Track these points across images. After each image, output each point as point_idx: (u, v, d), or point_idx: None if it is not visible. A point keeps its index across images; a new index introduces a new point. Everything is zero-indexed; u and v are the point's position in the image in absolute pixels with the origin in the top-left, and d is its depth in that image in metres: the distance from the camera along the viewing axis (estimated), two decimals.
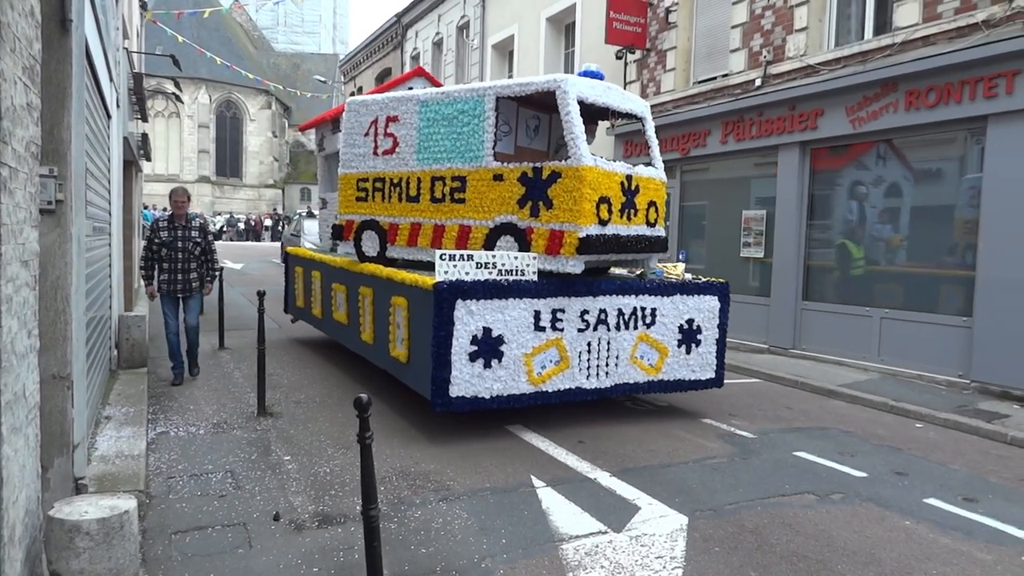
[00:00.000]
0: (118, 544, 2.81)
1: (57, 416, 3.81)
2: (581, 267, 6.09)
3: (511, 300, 5.95)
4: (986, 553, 4.33)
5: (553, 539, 4.31)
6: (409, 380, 6.46)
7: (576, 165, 5.96)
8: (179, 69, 14.40)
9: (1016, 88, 7.95)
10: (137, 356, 8.18)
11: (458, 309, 5.74)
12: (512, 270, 6.09)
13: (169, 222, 7.71)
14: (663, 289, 6.88)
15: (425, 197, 7.06)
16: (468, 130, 6.66)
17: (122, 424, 5.87)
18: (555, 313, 6.20)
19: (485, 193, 6.54)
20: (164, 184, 51.21)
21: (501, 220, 6.46)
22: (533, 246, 6.24)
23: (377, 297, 7.15)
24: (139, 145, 13.69)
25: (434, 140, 6.95)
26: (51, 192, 3.76)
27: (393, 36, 27.39)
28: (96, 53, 5.73)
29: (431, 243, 7.05)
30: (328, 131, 10.62)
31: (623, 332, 6.61)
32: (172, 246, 7.65)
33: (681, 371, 7.05)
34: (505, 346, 5.97)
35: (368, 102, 7.70)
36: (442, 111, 6.89)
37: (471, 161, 6.63)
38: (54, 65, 3.78)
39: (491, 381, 5.93)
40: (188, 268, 7.75)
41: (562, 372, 6.30)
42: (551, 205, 6.10)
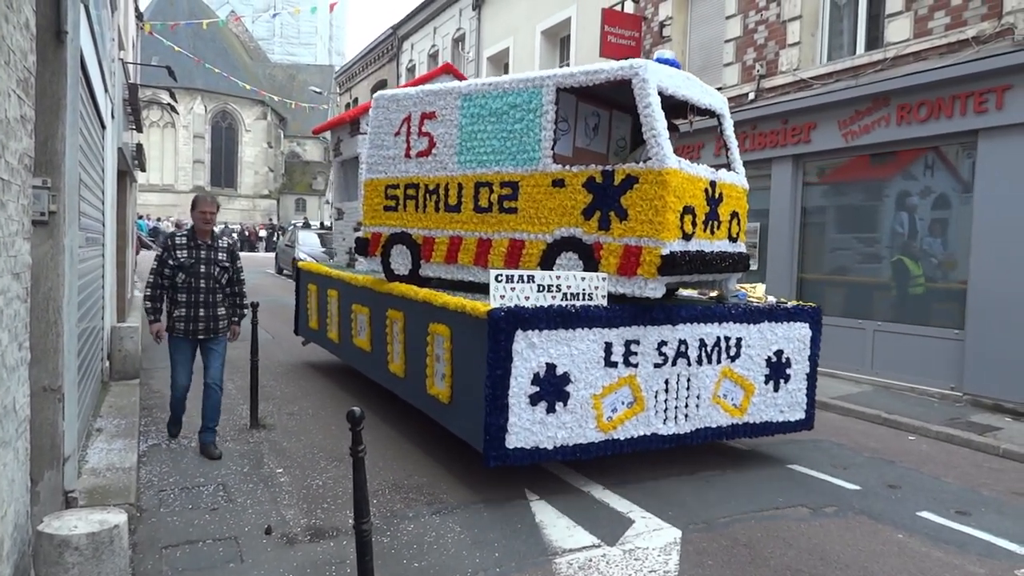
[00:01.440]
0: (108, 559, 2.79)
1: (48, 429, 3.78)
2: (662, 290, 5.12)
3: (579, 330, 5.02)
4: (979, 567, 4.33)
5: (546, 553, 4.29)
6: (452, 424, 5.54)
7: (659, 168, 5.01)
8: (175, 80, 14.41)
9: (1006, 103, 8.03)
10: (129, 368, 8.14)
11: (518, 341, 4.80)
12: (578, 294, 5.15)
13: (189, 239, 5.74)
14: (749, 316, 5.87)
15: (468, 206, 6.09)
16: (521, 127, 5.72)
17: (113, 436, 5.84)
18: (628, 345, 5.25)
19: (542, 202, 5.60)
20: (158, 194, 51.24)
21: (562, 234, 5.50)
22: (602, 265, 5.30)
23: (410, 323, 6.21)
24: (134, 155, 13.68)
25: (479, 139, 6.01)
26: (44, 203, 3.75)
27: (389, 48, 27.51)
28: (91, 64, 5.73)
29: (474, 260, 6.08)
30: (346, 134, 9.93)
31: (705, 367, 5.64)
32: (192, 271, 5.68)
33: (768, 412, 6.03)
34: (571, 386, 5.03)
35: (400, 96, 6.75)
36: (489, 105, 5.94)
37: (525, 164, 5.70)
38: (48, 77, 3.79)
39: (555, 428, 4.99)
40: (213, 301, 5.77)
41: (636, 416, 5.33)
42: (625, 216, 5.16)
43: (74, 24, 4.03)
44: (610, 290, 5.27)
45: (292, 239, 25.10)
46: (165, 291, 5.73)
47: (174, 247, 5.72)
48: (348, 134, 9.76)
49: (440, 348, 5.60)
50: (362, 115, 9.36)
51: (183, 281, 5.68)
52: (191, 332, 5.73)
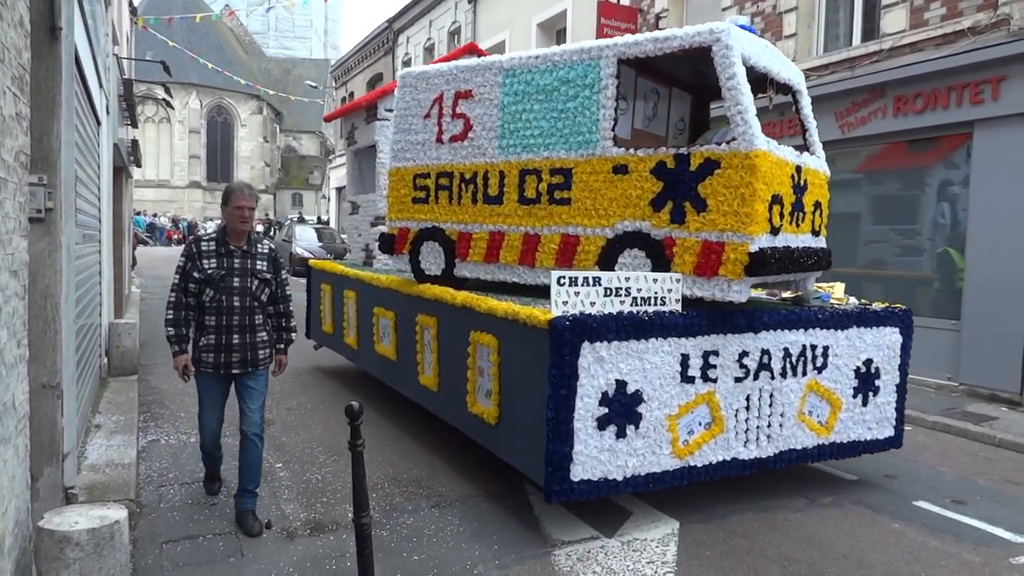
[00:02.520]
0: (108, 554, 2.80)
1: (47, 425, 3.79)
2: (747, 293, 4.50)
3: (652, 341, 4.39)
4: (974, 555, 4.37)
5: (545, 545, 4.31)
6: (500, 449, 4.89)
7: (746, 150, 4.33)
8: (169, 75, 14.36)
9: (1002, 94, 8.04)
10: (128, 363, 8.15)
11: (584, 356, 4.16)
12: (649, 298, 4.49)
13: (219, 244, 4.41)
14: (837, 321, 5.20)
15: (511, 197, 5.43)
16: (575, 106, 5.06)
17: (112, 432, 5.85)
18: (707, 357, 4.61)
19: (601, 191, 4.94)
20: (154, 190, 51.11)
21: (625, 227, 4.84)
22: (676, 263, 4.64)
23: (445, 330, 5.59)
24: (129, 151, 13.64)
25: (524, 121, 5.34)
26: (40, 200, 3.75)
27: (384, 42, 27.42)
28: (86, 60, 5.71)
29: (519, 259, 5.40)
30: (360, 121, 9.25)
31: (789, 380, 4.99)
32: (224, 285, 4.35)
33: (856, 429, 5.38)
34: (644, 406, 4.40)
35: (430, 74, 5.99)
36: (536, 81, 5.27)
37: (580, 148, 5.03)
38: (43, 73, 3.78)
39: (625, 456, 4.36)
40: (250, 324, 4.43)
41: (714, 438, 4.70)
42: (704, 207, 4.49)
43: (68, 20, 4.02)
44: (684, 293, 4.62)
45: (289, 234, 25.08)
46: (191, 311, 4.41)
47: (199, 255, 4.35)
48: (363, 121, 9.12)
49: (485, 361, 4.96)
50: (379, 99, 8.78)
51: (212, 299, 4.33)
52: (222, 366, 4.37)
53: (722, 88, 4.50)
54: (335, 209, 36.46)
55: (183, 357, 4.37)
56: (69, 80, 4.11)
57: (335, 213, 36.08)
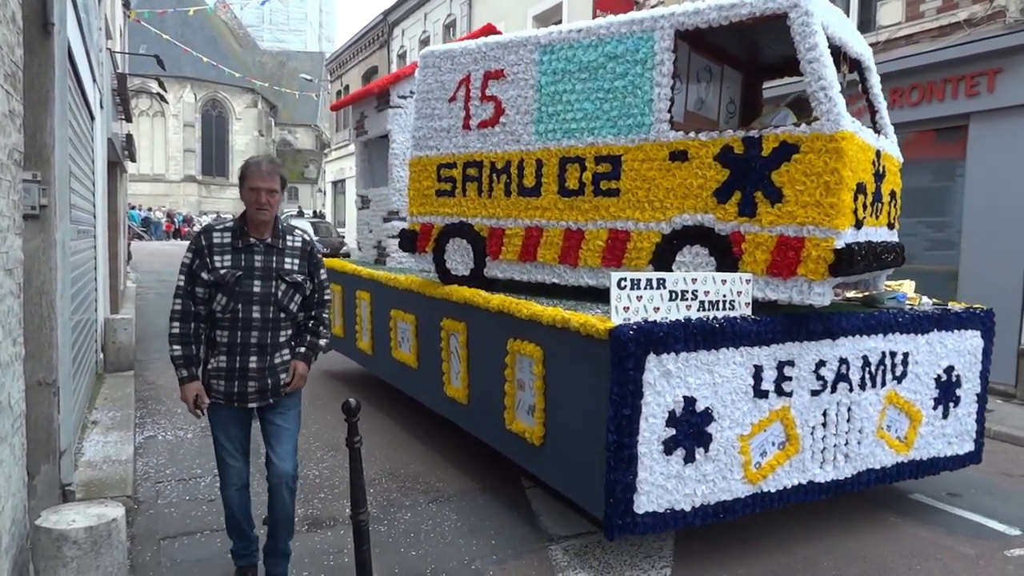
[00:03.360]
0: (106, 552, 2.80)
1: (43, 423, 3.79)
2: (830, 296, 4.05)
3: (724, 351, 3.88)
4: (969, 548, 4.40)
5: (543, 540, 4.33)
6: (546, 473, 4.42)
7: (831, 131, 3.84)
8: (163, 69, 14.28)
9: (997, 86, 8.04)
10: (124, 359, 8.14)
11: (650, 370, 3.66)
12: (718, 301, 4.00)
13: (235, 236, 3.42)
14: (917, 324, 4.68)
15: (550, 188, 4.92)
16: (625, 85, 4.54)
17: (109, 429, 5.85)
18: (782, 368, 4.11)
19: (656, 180, 4.42)
20: (149, 184, 50.93)
21: (684, 221, 4.33)
22: (745, 262, 4.13)
23: (477, 337, 5.08)
24: (123, 146, 13.58)
25: (565, 103, 4.82)
26: (35, 197, 3.74)
27: (379, 34, 27.31)
28: (79, 55, 5.68)
29: (560, 257, 4.90)
30: (371, 109, 8.68)
31: (868, 392, 4.47)
32: (240, 291, 3.37)
33: (936, 444, 4.86)
34: (714, 425, 3.89)
35: (455, 52, 5.45)
36: (579, 58, 4.75)
37: (630, 132, 4.51)
38: (36, 69, 3.76)
39: (694, 483, 3.85)
40: (273, 343, 3.46)
41: (789, 460, 4.19)
42: (779, 197, 3.98)
43: (60, 16, 3.99)
44: (756, 295, 4.12)
45: None
46: (201, 323, 3.40)
47: (209, 249, 3.34)
48: (374, 109, 8.53)
49: (526, 373, 4.45)
50: (392, 85, 8.24)
51: (224, 309, 3.33)
52: (235, 396, 3.38)
53: (801, 61, 3.98)
54: (331, 203, 36.41)
55: (193, 386, 3.35)
56: (62, 76, 4.09)
57: (331, 207, 36.03)
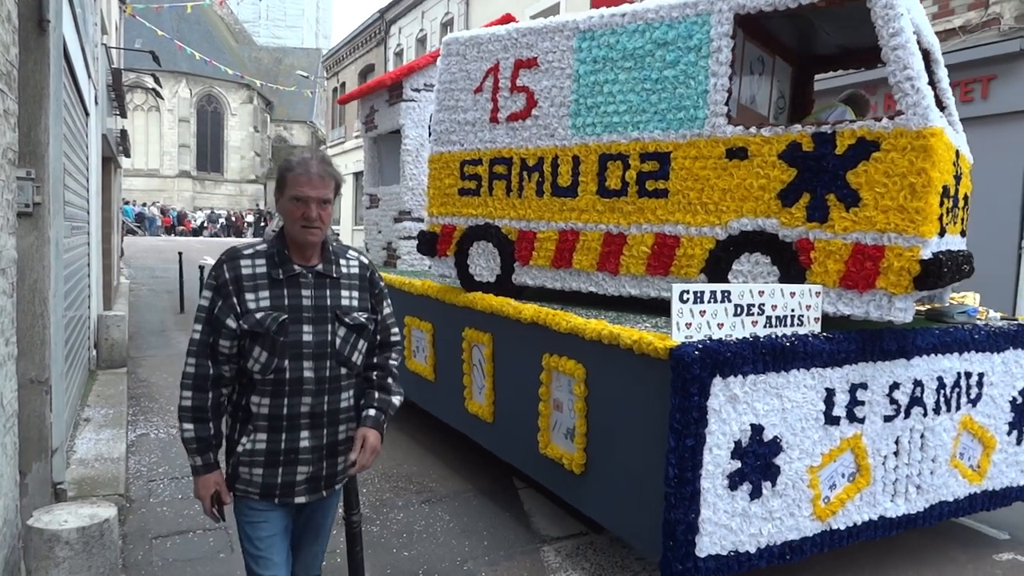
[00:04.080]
0: (98, 553, 2.80)
1: (35, 421, 3.77)
2: (912, 312, 3.62)
3: (794, 373, 3.48)
4: (960, 552, 4.42)
5: (535, 541, 4.34)
6: (588, 504, 3.97)
7: (919, 127, 3.44)
8: (159, 65, 14.24)
9: (991, 93, 8.09)
10: (116, 356, 8.11)
11: (716, 396, 3.25)
12: (785, 316, 3.60)
13: (275, 262, 2.38)
14: (992, 342, 4.26)
15: (588, 188, 4.52)
16: (675, 74, 4.15)
17: (101, 426, 5.83)
18: (854, 391, 3.71)
19: (710, 180, 4.03)
20: (144, 179, 50.70)
21: (743, 226, 3.94)
22: (814, 272, 3.75)
23: (504, 350, 4.69)
24: (118, 141, 13.54)
25: (606, 94, 4.44)
26: (28, 195, 3.72)
27: (376, 32, 27.26)
28: (74, 51, 5.66)
29: (598, 264, 4.51)
30: (382, 102, 8.32)
31: (942, 417, 4.08)
32: (288, 342, 2.33)
33: (1009, 473, 4.46)
34: (783, 456, 3.49)
35: (482, 39, 5.05)
36: (623, 45, 4.37)
37: (681, 126, 4.13)
38: (31, 66, 3.74)
39: (760, 521, 3.45)
40: (332, 412, 2.44)
41: (859, 493, 3.80)
42: (856, 200, 3.60)
43: (56, 13, 3.98)
44: (826, 310, 3.74)
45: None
46: (223, 389, 2.39)
47: (237, 284, 2.34)
48: (385, 102, 8.14)
49: (565, 393, 4.05)
50: (406, 77, 7.89)
51: (265, 368, 2.34)
52: (277, 489, 2.40)
53: (883, 48, 3.60)
54: None
55: (210, 478, 2.34)
56: (57, 73, 4.08)
57: None
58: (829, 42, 4.30)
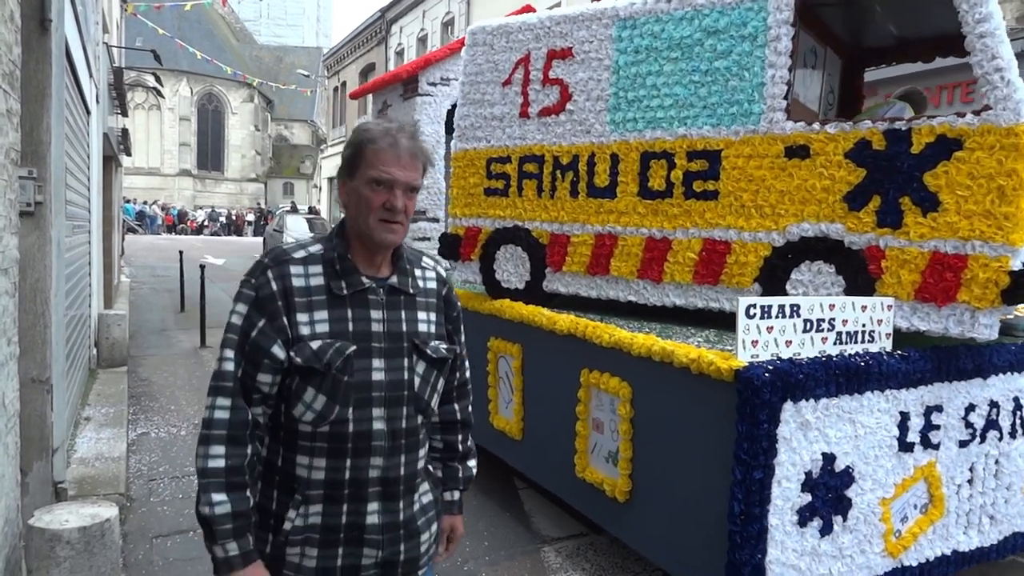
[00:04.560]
0: (99, 552, 2.81)
1: (36, 420, 3.78)
2: (996, 329, 3.34)
3: (868, 396, 3.16)
4: None
5: (535, 541, 4.35)
6: (636, 538, 3.61)
7: (1010, 123, 3.13)
8: (160, 64, 14.26)
9: None
10: (117, 355, 8.11)
11: (786, 422, 2.91)
12: (856, 332, 3.25)
13: (335, 270, 1.72)
14: None
15: (628, 189, 4.22)
16: (728, 65, 3.84)
17: (102, 425, 5.83)
18: (929, 415, 3.40)
19: (766, 181, 3.73)
20: (144, 177, 50.76)
21: (803, 231, 3.65)
22: (884, 283, 3.45)
23: (535, 363, 4.35)
24: (119, 140, 13.54)
25: (649, 87, 4.12)
26: (30, 194, 3.73)
27: (377, 31, 27.28)
28: (76, 50, 5.67)
29: (639, 271, 4.21)
30: (395, 97, 7.96)
31: (1018, 441, 3.77)
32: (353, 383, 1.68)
33: None
34: (855, 487, 3.17)
35: (511, 28, 4.75)
36: (668, 34, 4.05)
37: (734, 122, 3.82)
38: (33, 65, 3.74)
39: (830, 560, 3.12)
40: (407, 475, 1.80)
41: (932, 526, 3.47)
42: (935, 204, 3.30)
43: (58, 12, 3.98)
44: (898, 325, 3.40)
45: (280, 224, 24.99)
46: (258, 444, 1.71)
47: (287, 297, 1.69)
48: (399, 97, 7.78)
49: (606, 413, 3.71)
50: (422, 70, 7.50)
51: (322, 416, 1.69)
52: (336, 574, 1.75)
53: (968, 36, 3.30)
54: (327, 199, 36.38)
55: (252, 572, 1.66)
56: (59, 73, 4.08)
57: (327, 203, 36.01)
58: (885, 32, 4.06)
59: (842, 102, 5.01)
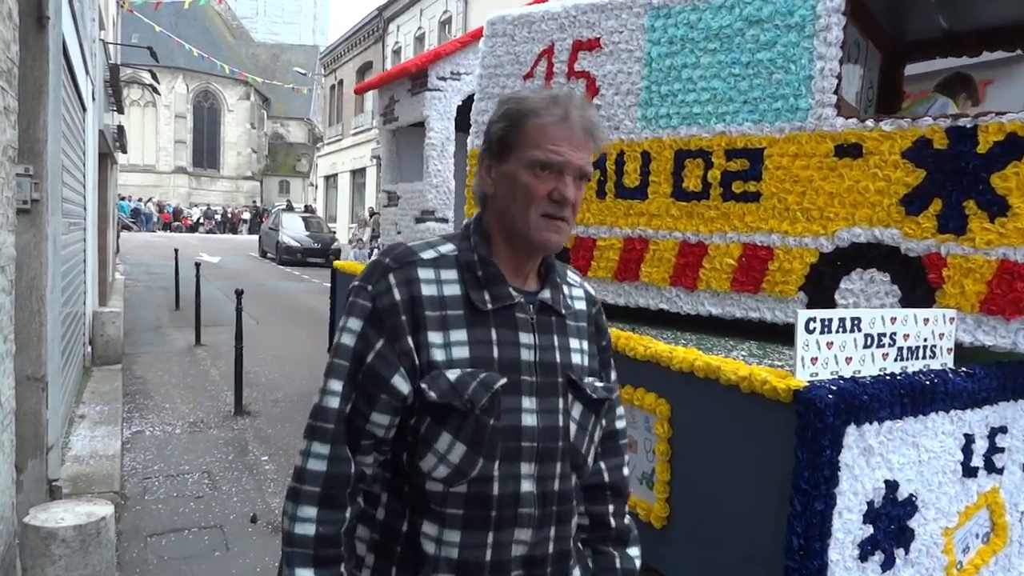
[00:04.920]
0: (94, 551, 2.81)
1: (31, 418, 3.78)
2: None
3: (932, 417, 2.90)
4: None
5: None
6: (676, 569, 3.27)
7: None
8: (156, 61, 14.23)
9: (988, 97, 8.12)
10: (112, 352, 8.10)
11: (849, 448, 2.64)
12: (918, 348, 3.00)
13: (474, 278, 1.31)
14: None
15: (661, 189, 3.96)
16: (772, 57, 3.58)
17: (96, 423, 5.83)
18: (993, 437, 3.17)
19: (814, 182, 3.47)
20: (139, 174, 50.62)
21: (855, 237, 3.39)
22: (946, 294, 3.21)
23: None
24: (115, 137, 13.51)
25: (685, 80, 3.86)
26: (27, 191, 3.72)
27: (374, 29, 27.27)
28: (72, 47, 5.66)
29: (672, 277, 3.94)
30: (403, 92, 7.60)
31: None
32: (500, 429, 1.26)
33: None
34: (917, 517, 2.90)
35: (534, 18, 4.48)
36: (706, 23, 3.80)
37: (778, 118, 3.56)
38: (30, 63, 3.74)
39: None
40: (556, 552, 1.35)
41: (994, 556, 3.22)
42: (1003, 209, 3.06)
43: (56, 9, 3.98)
44: (961, 339, 3.13)
45: (276, 222, 24.97)
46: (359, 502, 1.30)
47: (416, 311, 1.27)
48: (408, 92, 7.46)
49: (641, 431, 3.39)
50: (431, 64, 7.17)
51: (458, 472, 1.26)
52: None
53: None
54: (323, 198, 36.35)
55: None
56: (56, 70, 4.07)
57: (323, 202, 35.98)
58: (933, 24, 3.83)
59: (880, 99, 4.70)
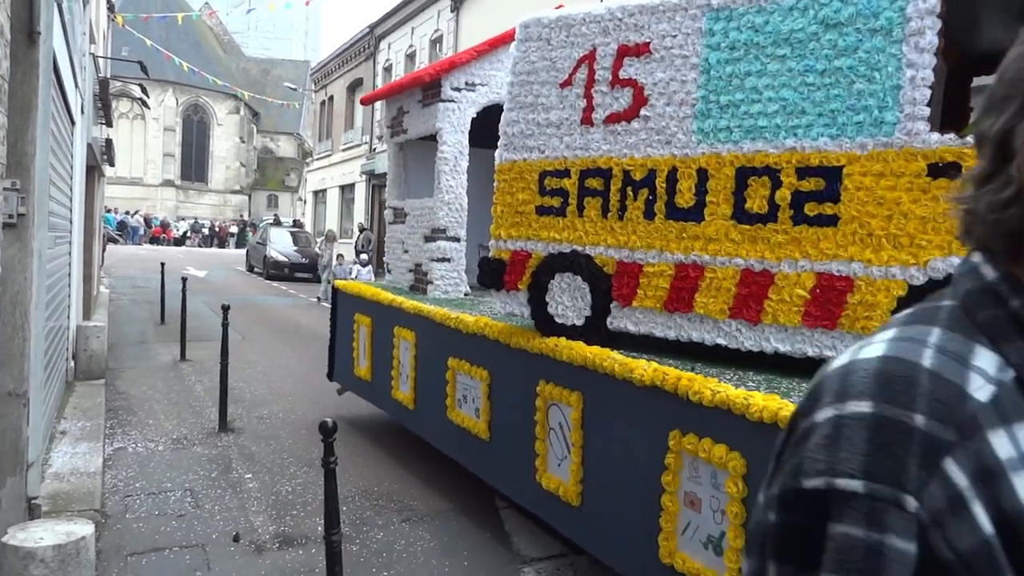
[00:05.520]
0: (74, 571, 2.77)
1: (11, 434, 3.73)
2: None
3: None
4: None
5: (515, 561, 4.34)
6: None
7: None
8: (146, 75, 14.22)
9: None
10: (95, 367, 8.02)
11: None
12: None
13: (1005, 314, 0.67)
14: None
15: (720, 209, 3.56)
16: (853, 64, 3.18)
17: (78, 439, 5.76)
18: None
19: (902, 205, 3.10)
20: (126, 187, 50.28)
21: (951, 267, 2.96)
22: None
23: (602, 417, 3.72)
24: (103, 150, 13.45)
25: (749, 90, 3.47)
26: (13, 206, 3.71)
27: (366, 47, 27.39)
28: (62, 60, 5.65)
29: (732, 309, 3.54)
30: (413, 103, 7.30)
31: None
32: None
33: None
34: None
35: (573, 21, 4.11)
36: (774, 26, 3.40)
37: (859, 132, 3.17)
38: (20, 77, 3.74)
39: None
40: None
41: None
42: None
43: (47, 25, 3.98)
44: None
45: (263, 237, 24.90)
46: None
47: (971, 423, 0.59)
48: (418, 103, 7.17)
49: (707, 488, 3.07)
50: (445, 74, 6.93)
51: None
52: None
53: None
54: (311, 213, 36.28)
55: None
56: (46, 85, 4.07)
57: (311, 217, 35.91)
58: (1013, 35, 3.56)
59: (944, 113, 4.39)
